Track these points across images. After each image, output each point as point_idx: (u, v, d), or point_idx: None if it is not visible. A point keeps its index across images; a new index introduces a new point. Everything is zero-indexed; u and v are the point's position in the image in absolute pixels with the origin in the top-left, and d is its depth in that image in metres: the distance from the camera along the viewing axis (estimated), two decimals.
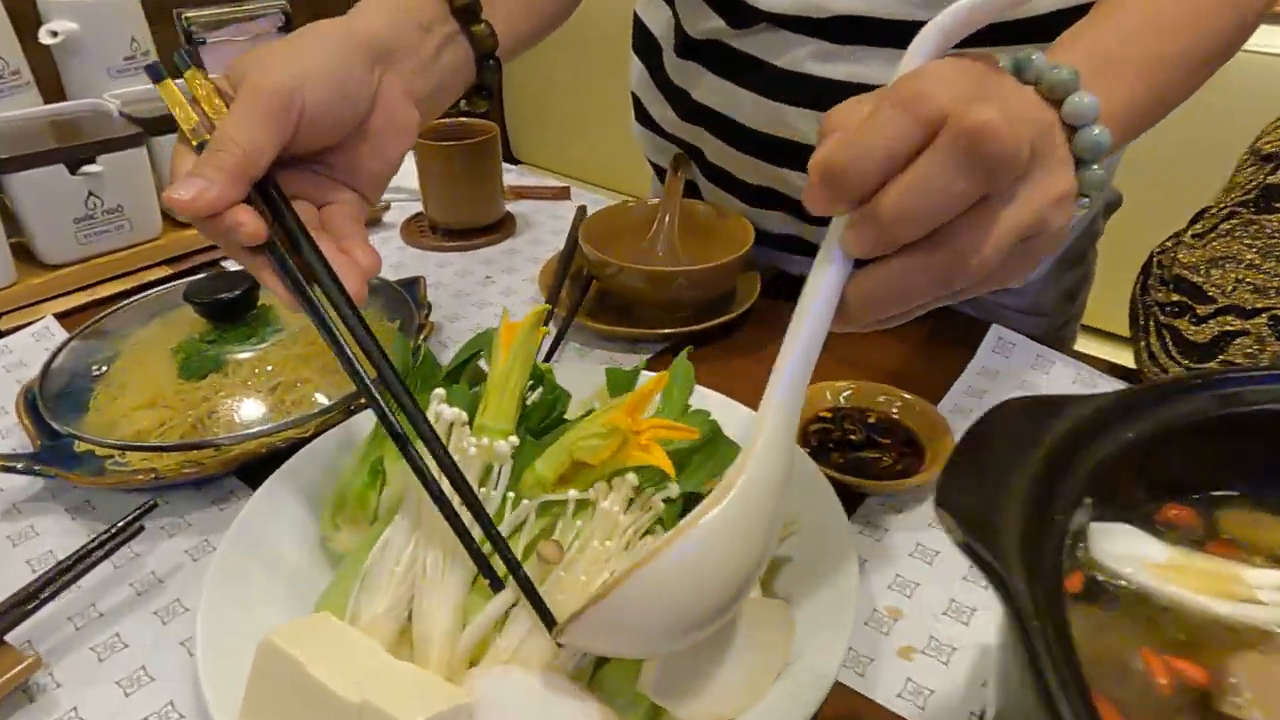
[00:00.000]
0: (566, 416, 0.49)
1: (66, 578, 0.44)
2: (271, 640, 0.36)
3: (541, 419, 0.48)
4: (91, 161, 0.74)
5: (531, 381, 0.48)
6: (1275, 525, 0.28)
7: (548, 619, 0.38)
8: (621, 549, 0.41)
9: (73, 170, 0.73)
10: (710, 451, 0.47)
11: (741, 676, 0.39)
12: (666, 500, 0.43)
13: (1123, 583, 0.28)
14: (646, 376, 0.53)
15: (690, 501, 0.43)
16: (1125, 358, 0.69)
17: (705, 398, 0.53)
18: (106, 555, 0.46)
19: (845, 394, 0.59)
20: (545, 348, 0.65)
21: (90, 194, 0.75)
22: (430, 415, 0.43)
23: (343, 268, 0.41)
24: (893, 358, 0.68)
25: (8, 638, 0.42)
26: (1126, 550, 0.28)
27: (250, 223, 0.37)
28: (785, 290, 0.77)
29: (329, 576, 0.46)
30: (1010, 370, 0.67)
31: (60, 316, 0.73)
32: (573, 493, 0.42)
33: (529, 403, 0.48)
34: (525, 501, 0.42)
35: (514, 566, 0.39)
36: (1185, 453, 0.28)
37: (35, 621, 0.44)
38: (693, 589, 0.33)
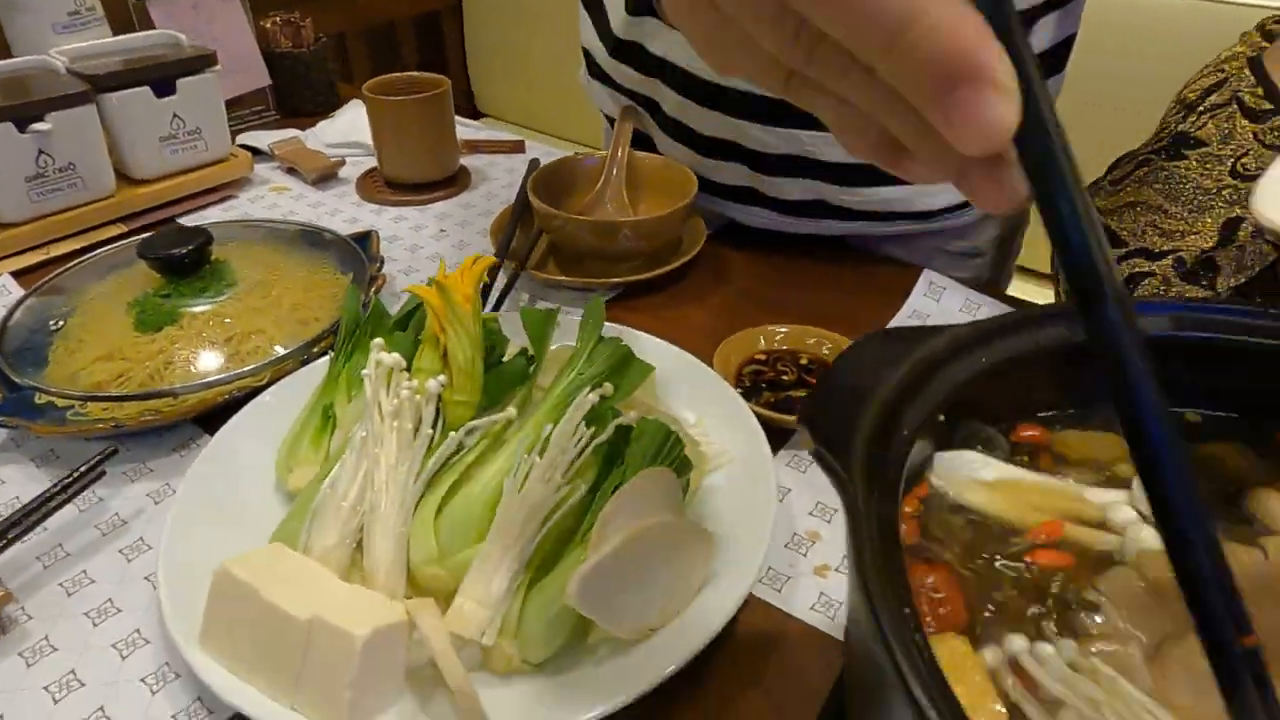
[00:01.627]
0: (504, 359, 0.52)
1: (32, 519, 0.47)
2: (226, 567, 0.39)
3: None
4: (40, 120, 0.74)
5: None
6: (1100, 441, 0.32)
7: None
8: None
9: (21, 128, 0.74)
10: (624, 371, 0.51)
11: (665, 591, 0.43)
12: (602, 398, 0.46)
13: (953, 500, 0.31)
14: (565, 317, 0.56)
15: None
16: (1052, 297, 0.73)
17: (638, 339, 0.56)
18: (70, 498, 0.48)
19: (778, 337, 0.62)
20: (494, 299, 0.68)
21: (41, 152, 0.76)
22: (371, 363, 0.45)
23: None
24: (827, 302, 0.71)
25: None
26: (962, 471, 0.31)
27: None
28: (735, 239, 0.80)
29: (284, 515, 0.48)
30: (940, 313, 0.70)
31: (15, 274, 0.74)
32: (511, 410, 0.45)
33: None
34: (452, 434, 0.45)
35: None
36: (1034, 377, 0.31)
37: (3, 562, 0.47)
38: None
